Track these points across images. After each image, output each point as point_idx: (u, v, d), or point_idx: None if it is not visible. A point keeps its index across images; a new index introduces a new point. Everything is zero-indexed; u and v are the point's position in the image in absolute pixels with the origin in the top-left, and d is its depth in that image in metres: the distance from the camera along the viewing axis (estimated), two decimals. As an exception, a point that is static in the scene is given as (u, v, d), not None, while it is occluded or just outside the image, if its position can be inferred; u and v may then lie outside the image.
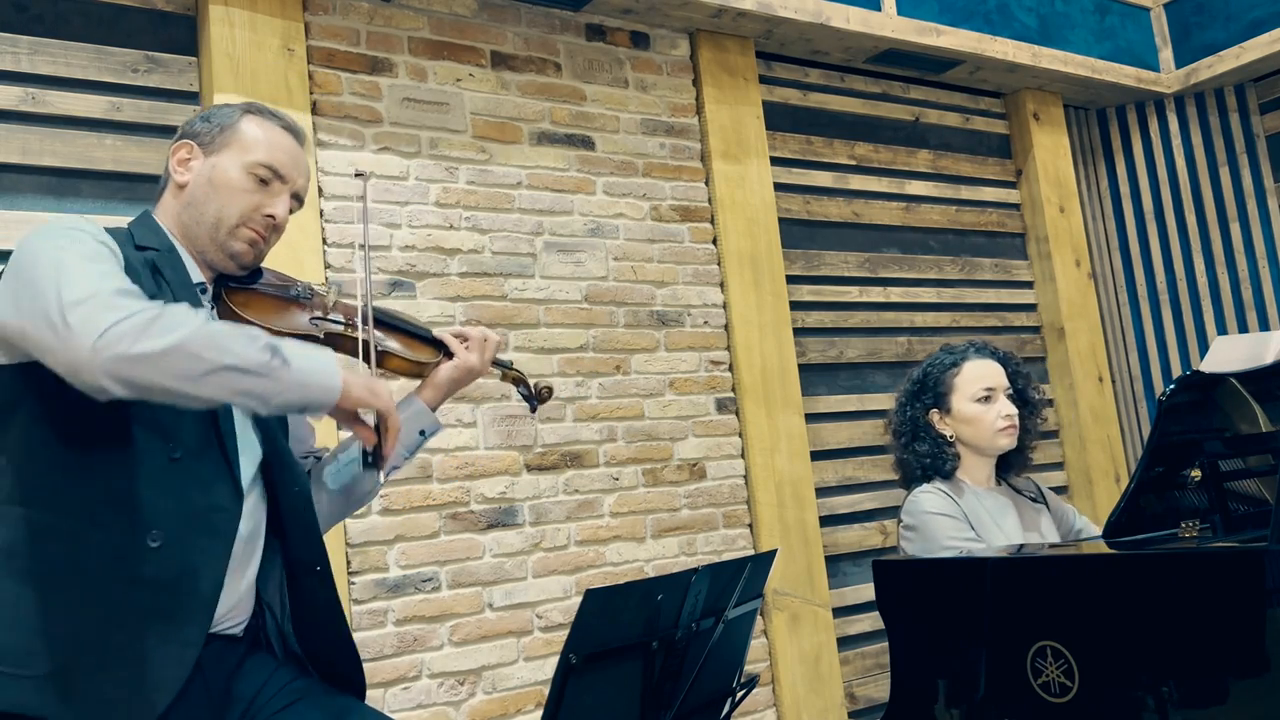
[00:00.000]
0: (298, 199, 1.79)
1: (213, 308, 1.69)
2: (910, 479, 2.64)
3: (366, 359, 1.73)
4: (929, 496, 2.52)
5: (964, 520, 2.46)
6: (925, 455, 2.58)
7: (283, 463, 1.70)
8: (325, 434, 2.40)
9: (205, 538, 1.54)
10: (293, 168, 1.75)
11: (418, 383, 1.89)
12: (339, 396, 1.51)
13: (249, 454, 1.65)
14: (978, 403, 2.56)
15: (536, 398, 2.03)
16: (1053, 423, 4.56)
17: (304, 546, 1.71)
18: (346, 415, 1.57)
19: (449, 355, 1.86)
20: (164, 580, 1.50)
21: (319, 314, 1.75)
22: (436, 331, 1.89)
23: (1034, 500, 2.68)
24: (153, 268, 1.62)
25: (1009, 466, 2.66)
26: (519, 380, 2.02)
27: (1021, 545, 2.45)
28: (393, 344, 1.81)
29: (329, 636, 1.74)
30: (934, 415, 2.61)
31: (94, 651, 1.44)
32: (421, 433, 1.86)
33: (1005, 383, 2.60)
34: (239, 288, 1.73)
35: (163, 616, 1.49)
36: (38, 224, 2.55)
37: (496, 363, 1.96)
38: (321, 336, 1.71)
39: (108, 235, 1.57)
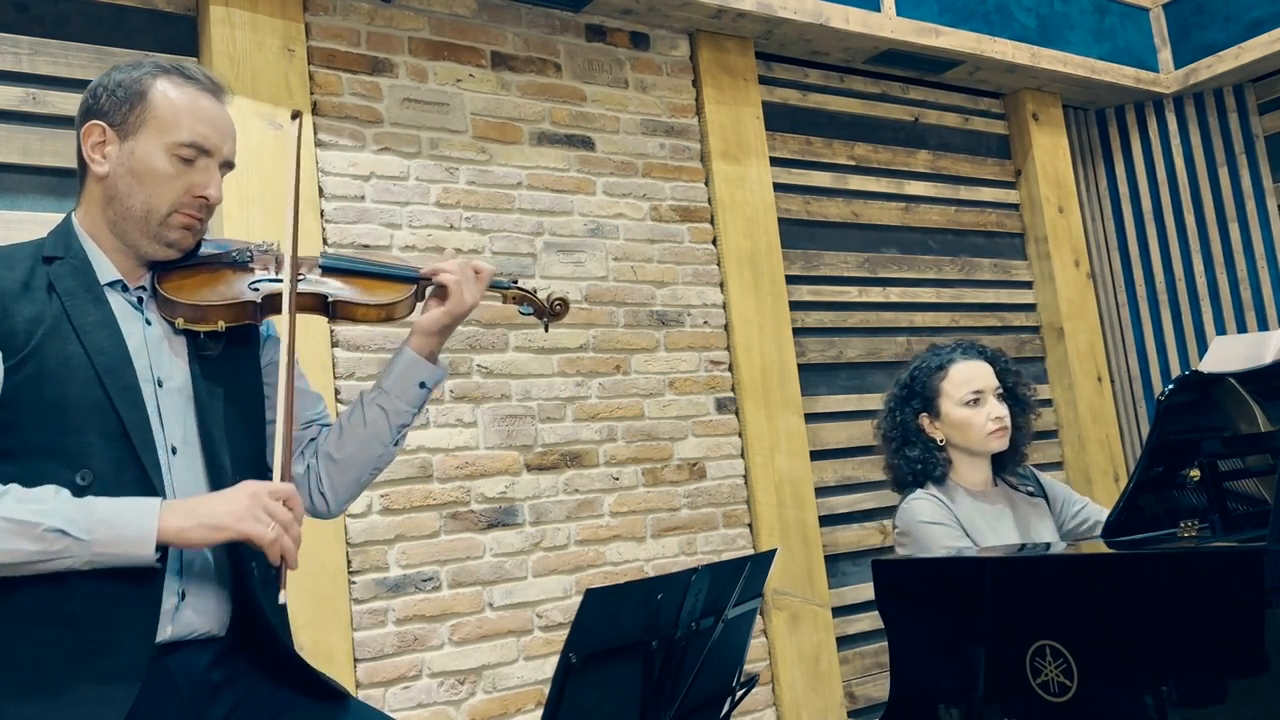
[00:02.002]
0: (228, 165, 1.64)
1: (141, 300, 1.61)
2: (901, 484, 2.61)
3: (326, 314, 1.68)
4: (921, 504, 2.49)
5: (957, 527, 2.43)
6: (916, 461, 2.56)
7: (220, 469, 1.57)
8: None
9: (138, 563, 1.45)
10: (218, 136, 1.60)
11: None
12: (153, 552, 1.41)
13: (186, 454, 1.55)
14: (966, 406, 2.53)
15: (549, 313, 1.88)
16: (1051, 423, 4.56)
17: (242, 556, 1.59)
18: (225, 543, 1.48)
19: (433, 289, 1.73)
20: (93, 616, 1.42)
21: (258, 277, 1.65)
22: (435, 266, 1.75)
23: (1032, 495, 2.65)
24: (48, 282, 1.52)
25: (1004, 465, 2.63)
26: (522, 298, 1.87)
27: (1021, 545, 2.45)
28: (348, 292, 1.68)
29: (273, 644, 1.63)
30: (924, 419, 2.58)
31: (29, 699, 1.38)
32: (422, 384, 1.74)
33: (994, 383, 2.56)
34: (173, 269, 1.63)
35: (97, 653, 1.41)
36: (39, 224, 2.56)
37: (495, 286, 1.83)
38: (259, 301, 1.62)
39: None
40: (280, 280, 1.62)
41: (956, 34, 4.19)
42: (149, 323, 1.60)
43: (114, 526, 1.40)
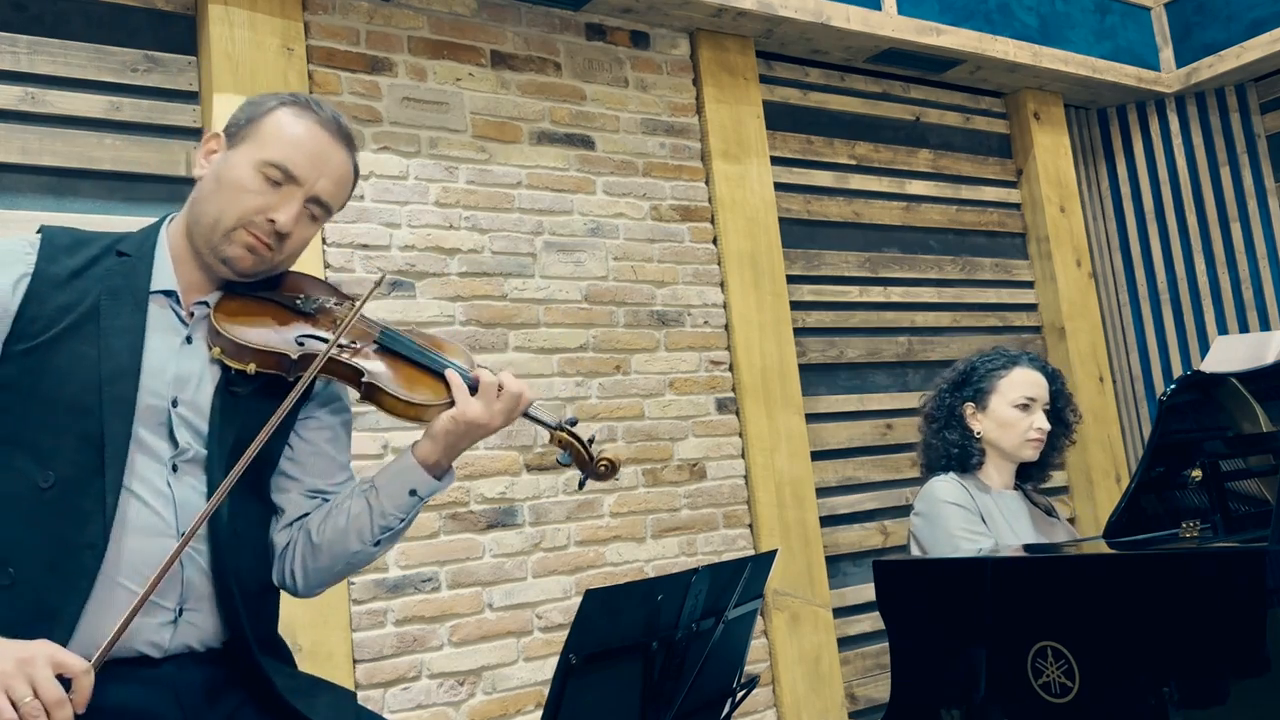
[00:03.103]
0: (320, 204, 1.59)
1: (190, 314, 1.57)
2: (932, 466, 2.68)
3: (358, 390, 1.57)
4: (944, 485, 2.55)
5: (976, 514, 2.48)
6: (954, 445, 2.63)
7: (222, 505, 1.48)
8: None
9: (64, 578, 1.39)
10: (310, 168, 1.56)
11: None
12: None
13: (190, 473, 1.50)
14: (1015, 409, 2.60)
15: (592, 471, 1.68)
16: (1053, 423, 4.56)
17: (230, 584, 1.54)
18: None
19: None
20: (12, 624, 1.34)
21: (310, 332, 1.58)
22: (449, 373, 1.61)
23: (1047, 513, 2.71)
24: (100, 276, 1.50)
25: (1027, 477, 2.72)
26: (567, 445, 1.68)
27: (1028, 546, 2.45)
28: (387, 379, 1.58)
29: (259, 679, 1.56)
30: (968, 408, 2.65)
31: None
32: (413, 492, 1.59)
33: (1047, 398, 2.65)
34: (241, 294, 1.60)
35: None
36: (38, 224, 2.56)
37: (533, 419, 1.67)
38: (295, 358, 1.55)
39: (14, 256, 1.47)
40: (329, 342, 1.55)
41: (958, 33, 4.19)
42: (189, 340, 1.56)
43: None
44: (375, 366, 1.59)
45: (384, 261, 3.09)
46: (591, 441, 1.69)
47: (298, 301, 1.63)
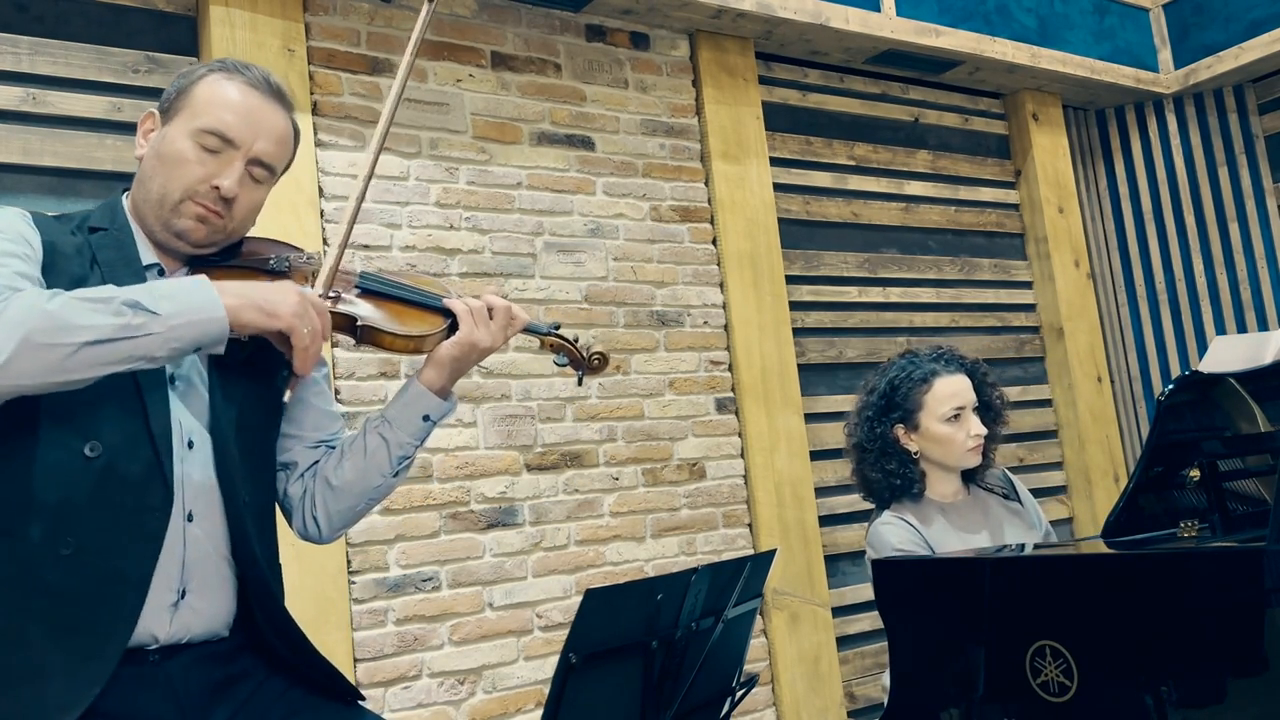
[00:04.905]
0: (261, 165, 1.58)
1: None
2: (877, 499, 2.58)
3: (353, 336, 1.60)
4: (892, 530, 2.45)
5: (928, 552, 2.41)
6: (894, 475, 2.50)
7: (232, 467, 1.53)
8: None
9: (130, 542, 1.41)
10: (246, 129, 1.55)
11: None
12: (228, 325, 1.37)
13: (199, 450, 1.51)
14: (947, 423, 2.49)
15: (586, 365, 1.80)
16: (1051, 423, 4.56)
17: (248, 561, 1.55)
18: (268, 332, 1.44)
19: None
20: (78, 590, 1.37)
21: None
22: (447, 301, 1.67)
23: (1007, 497, 2.64)
24: (92, 254, 1.50)
25: (974, 473, 2.61)
26: (559, 347, 1.80)
27: (1003, 546, 2.45)
28: (379, 318, 1.62)
29: (298, 648, 1.61)
30: (899, 430, 2.53)
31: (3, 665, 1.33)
32: (426, 418, 1.68)
33: (974, 398, 2.53)
34: (213, 266, 1.58)
35: (76, 629, 1.36)
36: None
37: (529, 330, 1.76)
38: None
39: (27, 223, 1.47)
40: (320, 295, 1.58)
41: (956, 34, 4.20)
42: None
43: (176, 300, 1.35)
44: (365, 310, 1.62)
45: (385, 262, 3.09)
46: (576, 341, 1.81)
47: (270, 263, 1.63)
